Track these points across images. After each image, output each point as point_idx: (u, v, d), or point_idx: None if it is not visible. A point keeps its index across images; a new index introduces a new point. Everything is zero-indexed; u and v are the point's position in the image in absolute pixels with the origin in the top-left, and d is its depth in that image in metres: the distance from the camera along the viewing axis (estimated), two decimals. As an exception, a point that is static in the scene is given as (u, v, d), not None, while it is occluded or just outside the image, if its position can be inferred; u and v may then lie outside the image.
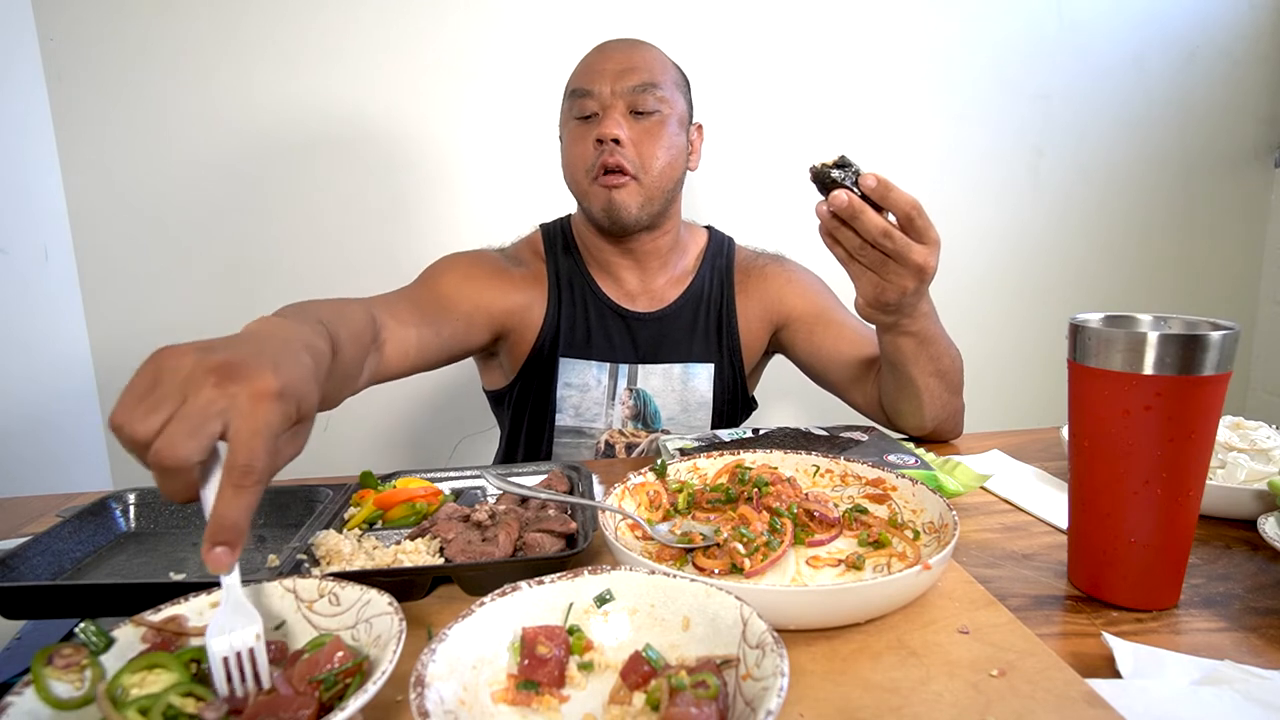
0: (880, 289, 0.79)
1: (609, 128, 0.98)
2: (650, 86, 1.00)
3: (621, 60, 1.01)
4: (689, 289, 1.12)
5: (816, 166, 0.72)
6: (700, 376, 1.11)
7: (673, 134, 1.03)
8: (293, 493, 0.75)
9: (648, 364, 1.10)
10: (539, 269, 1.12)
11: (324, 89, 1.53)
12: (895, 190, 0.72)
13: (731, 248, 1.17)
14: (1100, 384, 0.55)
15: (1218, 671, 0.48)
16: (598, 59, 1.03)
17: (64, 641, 0.42)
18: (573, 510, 0.69)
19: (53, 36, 1.44)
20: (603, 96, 1.00)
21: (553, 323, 1.09)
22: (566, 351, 1.09)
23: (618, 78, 1.00)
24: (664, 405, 1.10)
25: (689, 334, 1.11)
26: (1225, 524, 0.72)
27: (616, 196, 1.00)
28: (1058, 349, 0.60)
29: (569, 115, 1.04)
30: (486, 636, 0.45)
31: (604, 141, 0.98)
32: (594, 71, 1.01)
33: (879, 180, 0.71)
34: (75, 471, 1.51)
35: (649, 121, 1.01)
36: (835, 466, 0.71)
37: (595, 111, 1.01)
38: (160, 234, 1.54)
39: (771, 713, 0.36)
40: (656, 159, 1.01)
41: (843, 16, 1.65)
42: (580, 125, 1.02)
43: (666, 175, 1.02)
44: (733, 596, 0.46)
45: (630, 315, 1.10)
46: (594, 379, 1.10)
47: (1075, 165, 1.80)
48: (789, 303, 1.13)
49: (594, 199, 1.02)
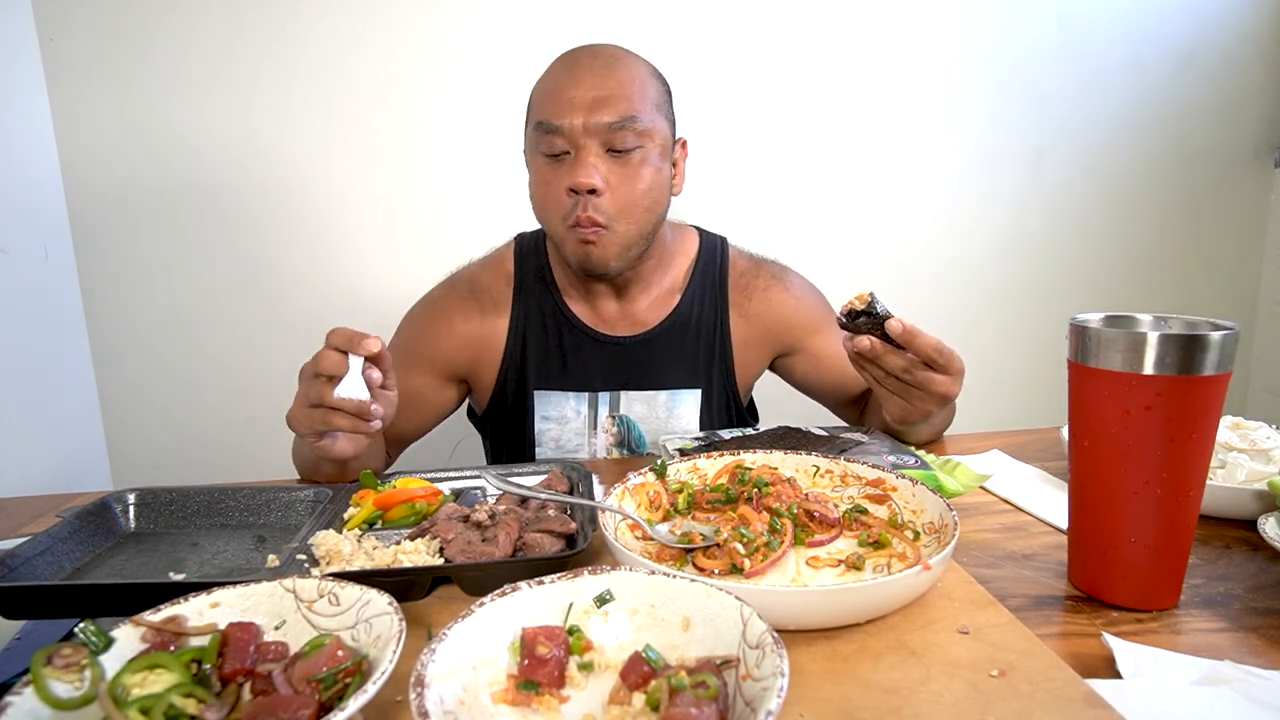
0: (906, 411, 0.84)
1: (583, 177, 0.87)
2: (628, 121, 0.88)
3: (594, 86, 0.88)
4: (676, 310, 1.03)
5: (844, 313, 0.78)
6: (686, 404, 1.04)
7: (654, 170, 0.92)
8: (293, 492, 0.75)
9: (630, 391, 1.04)
10: (503, 293, 1.04)
11: (325, 89, 1.53)
12: (919, 336, 0.76)
13: (725, 256, 1.07)
14: (1100, 384, 0.55)
15: (1218, 671, 0.48)
16: (567, 83, 0.89)
17: (64, 641, 0.43)
18: (572, 510, 0.69)
19: (53, 36, 1.44)
20: (574, 133, 0.88)
21: (514, 352, 1.03)
22: (541, 384, 1.03)
23: (591, 110, 0.87)
24: (649, 432, 1.05)
25: (675, 359, 1.04)
26: (1225, 524, 0.72)
27: (594, 251, 0.91)
28: (1058, 349, 0.60)
29: (535, 148, 0.92)
30: (486, 637, 0.45)
31: (578, 191, 0.89)
32: (563, 102, 0.88)
33: (904, 327, 0.75)
34: (75, 471, 1.51)
35: (628, 162, 0.90)
36: (835, 467, 0.71)
37: (566, 150, 0.89)
38: (160, 234, 1.54)
39: (771, 713, 0.36)
40: (637, 205, 0.91)
41: (842, 16, 1.65)
42: (550, 165, 0.91)
43: (648, 219, 0.93)
44: (732, 597, 0.46)
45: (609, 341, 1.02)
46: (573, 410, 1.04)
47: (1075, 165, 1.80)
48: (794, 331, 1.07)
49: (568, 247, 0.93)
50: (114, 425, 1.60)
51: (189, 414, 1.61)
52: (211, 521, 0.73)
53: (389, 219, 1.60)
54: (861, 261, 1.77)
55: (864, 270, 1.77)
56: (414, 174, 1.59)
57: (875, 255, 1.78)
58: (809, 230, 1.73)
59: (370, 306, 1.59)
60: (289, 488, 0.76)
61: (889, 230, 1.77)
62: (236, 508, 0.74)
